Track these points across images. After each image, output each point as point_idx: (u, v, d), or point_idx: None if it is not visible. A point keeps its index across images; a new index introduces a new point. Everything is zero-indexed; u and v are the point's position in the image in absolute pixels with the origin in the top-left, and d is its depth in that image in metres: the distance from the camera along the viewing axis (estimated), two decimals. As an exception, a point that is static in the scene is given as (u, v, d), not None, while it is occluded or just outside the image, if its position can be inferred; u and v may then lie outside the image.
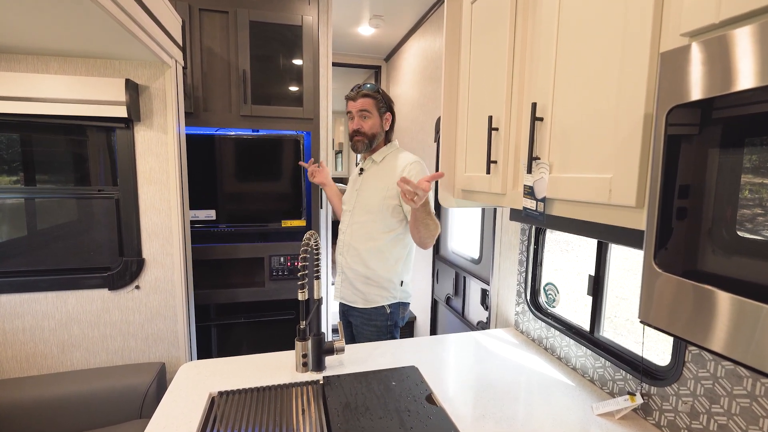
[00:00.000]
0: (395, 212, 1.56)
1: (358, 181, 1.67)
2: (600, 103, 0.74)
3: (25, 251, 1.63)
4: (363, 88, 1.58)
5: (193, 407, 1.05)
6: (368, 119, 1.58)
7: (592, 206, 0.78)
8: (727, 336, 0.48)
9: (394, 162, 1.59)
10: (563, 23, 0.84)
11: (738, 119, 0.47)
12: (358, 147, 1.62)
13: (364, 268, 1.58)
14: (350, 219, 1.64)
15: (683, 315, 0.53)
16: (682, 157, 0.52)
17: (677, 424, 0.94)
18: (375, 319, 1.59)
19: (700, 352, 0.89)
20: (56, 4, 1.07)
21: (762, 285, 0.45)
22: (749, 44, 0.44)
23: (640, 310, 0.59)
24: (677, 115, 0.53)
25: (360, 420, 1.00)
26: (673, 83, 0.53)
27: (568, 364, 1.28)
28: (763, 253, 0.45)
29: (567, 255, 5.19)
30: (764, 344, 0.44)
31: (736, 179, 0.47)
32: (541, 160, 0.89)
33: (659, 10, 0.63)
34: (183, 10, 1.88)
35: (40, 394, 1.49)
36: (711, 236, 0.50)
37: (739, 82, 0.44)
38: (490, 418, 1.02)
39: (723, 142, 0.49)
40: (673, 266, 0.54)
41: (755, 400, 0.78)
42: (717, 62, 0.47)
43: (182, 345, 1.73)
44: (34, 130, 1.60)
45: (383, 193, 1.56)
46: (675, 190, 0.53)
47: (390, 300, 1.59)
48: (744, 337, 0.46)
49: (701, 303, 0.51)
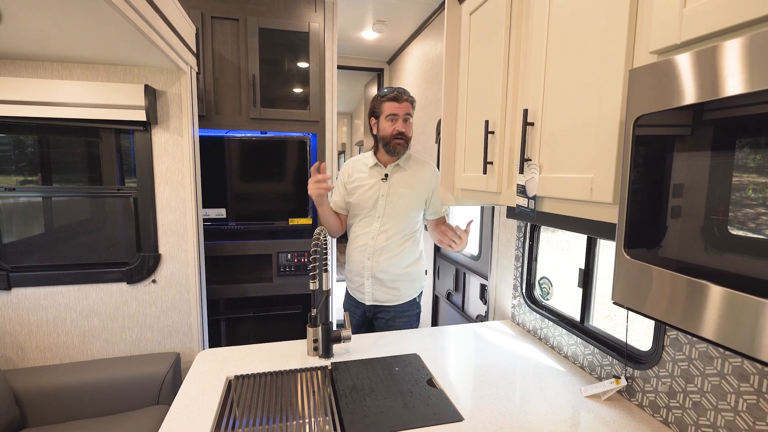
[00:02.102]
0: (421, 213, 1.69)
1: (383, 187, 1.62)
2: (583, 110, 0.83)
3: (49, 247, 1.73)
4: (404, 92, 1.58)
5: (212, 389, 1.14)
6: (410, 124, 1.60)
7: (576, 203, 0.86)
8: (683, 312, 0.57)
9: (418, 167, 1.67)
10: (552, 38, 0.92)
11: (687, 128, 0.55)
12: (398, 150, 1.59)
13: (398, 268, 1.64)
14: (380, 226, 1.61)
15: (648, 295, 0.62)
16: (645, 159, 0.61)
17: (657, 403, 1.02)
18: (407, 310, 1.69)
19: (677, 336, 0.97)
20: (85, 15, 1.16)
21: (707, 267, 0.53)
22: (689, 67, 0.53)
23: (612, 293, 0.68)
24: (642, 122, 0.61)
25: (366, 400, 1.08)
26: (639, 95, 0.62)
27: (561, 352, 1.37)
28: (712, 241, 0.54)
29: (568, 254, 5.28)
30: (694, 312, 0.53)
31: (690, 176, 0.56)
32: (532, 162, 0.98)
33: (633, 31, 0.72)
34: (196, 18, 1.98)
35: (64, 381, 1.59)
36: (670, 227, 0.59)
37: (684, 98, 0.53)
38: (486, 399, 1.10)
39: (678, 147, 0.57)
40: (640, 253, 0.63)
41: (724, 378, 0.86)
42: (670, 79, 0.56)
43: (196, 336, 1.82)
44: (59, 132, 1.70)
45: (417, 198, 1.64)
46: (641, 187, 0.62)
47: (419, 290, 1.72)
48: (690, 310, 0.55)
49: (663, 284, 0.60)
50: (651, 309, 0.60)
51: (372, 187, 1.64)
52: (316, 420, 1.04)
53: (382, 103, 1.60)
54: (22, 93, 1.50)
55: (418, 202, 1.65)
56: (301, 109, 2.23)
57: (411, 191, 1.63)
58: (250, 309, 2.35)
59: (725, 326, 0.51)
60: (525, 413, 1.04)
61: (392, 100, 1.58)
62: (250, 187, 2.27)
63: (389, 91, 1.59)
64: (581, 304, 1.32)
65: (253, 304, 2.34)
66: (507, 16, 1.09)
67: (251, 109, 2.13)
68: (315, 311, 1.25)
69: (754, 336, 0.48)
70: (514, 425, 0.99)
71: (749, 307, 0.48)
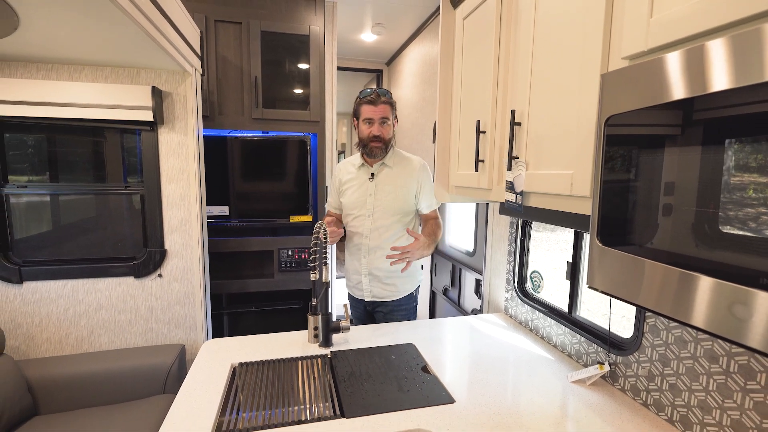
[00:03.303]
0: (412, 212, 1.69)
1: (371, 186, 1.66)
2: (565, 111, 0.89)
3: (59, 242, 1.80)
4: (382, 94, 1.58)
5: (218, 375, 1.20)
6: (387, 126, 1.61)
7: (559, 197, 0.92)
8: (645, 292, 0.63)
9: (404, 163, 1.69)
10: (537, 43, 0.99)
11: (649, 127, 0.62)
12: (375, 152, 1.61)
13: (388, 264, 1.66)
14: (371, 224, 1.65)
15: (615, 277, 0.68)
16: (614, 155, 0.67)
17: (637, 386, 1.08)
18: (404, 304, 1.74)
19: (655, 322, 1.03)
20: (98, 21, 1.22)
21: (671, 252, 0.60)
22: (647, 73, 0.60)
23: (587, 278, 0.74)
24: (612, 122, 0.68)
25: (363, 385, 1.15)
26: (609, 97, 0.68)
27: (550, 342, 1.43)
28: (678, 231, 0.60)
29: (567, 254, 5.35)
30: (653, 289, 0.59)
31: (656, 172, 0.62)
32: (520, 159, 1.04)
33: (608, 38, 0.78)
34: (200, 22, 2.04)
35: (73, 371, 1.65)
36: (637, 216, 0.65)
37: (645, 100, 0.60)
38: (477, 384, 1.17)
39: (641, 143, 0.64)
40: (611, 241, 0.69)
41: (696, 360, 0.93)
42: (633, 84, 0.62)
43: (200, 329, 1.88)
44: (69, 132, 1.76)
45: (405, 194, 1.65)
46: (611, 180, 0.68)
47: (416, 285, 1.77)
48: (652, 289, 0.61)
49: (631, 267, 0.66)
50: (613, 288, 0.67)
51: (360, 186, 1.68)
52: (316, 403, 1.11)
53: (361, 105, 1.61)
54: (35, 94, 1.57)
55: (406, 198, 1.66)
56: (302, 109, 2.29)
57: (397, 188, 1.65)
58: (251, 304, 2.42)
59: (671, 298, 0.58)
60: (514, 397, 1.11)
61: (369, 103, 1.58)
62: (252, 185, 2.34)
63: (368, 93, 1.59)
64: (569, 296, 1.38)
65: (255, 298, 2.41)
66: (497, 21, 1.15)
67: (253, 110, 2.20)
68: (315, 300, 1.32)
69: (689, 305, 0.54)
70: (502, 407, 1.06)
71: (686, 282, 0.54)
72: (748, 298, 0.48)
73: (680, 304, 0.57)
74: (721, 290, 0.52)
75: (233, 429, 0.98)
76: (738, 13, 0.52)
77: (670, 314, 0.59)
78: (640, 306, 0.64)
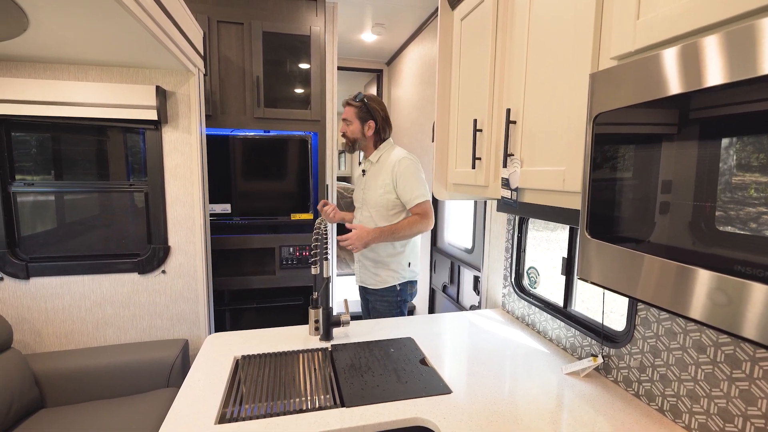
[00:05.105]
0: (394, 205, 1.75)
1: (362, 181, 1.86)
2: (557, 110, 0.92)
3: (65, 239, 1.83)
4: (354, 98, 1.78)
5: (222, 367, 1.23)
6: (349, 125, 1.78)
7: (552, 193, 0.96)
8: (630, 281, 0.66)
9: (387, 159, 1.78)
10: (531, 44, 1.02)
11: (635, 125, 0.65)
12: (345, 148, 1.85)
13: (374, 254, 1.79)
14: (360, 215, 1.85)
15: (609, 270, 0.71)
16: (602, 151, 0.70)
17: (630, 378, 1.11)
18: (387, 296, 1.81)
19: (646, 314, 1.06)
20: (104, 22, 1.25)
21: (653, 243, 0.63)
22: (632, 72, 0.63)
23: (577, 270, 0.77)
24: (600, 120, 0.71)
25: (363, 376, 1.18)
26: (597, 96, 0.71)
27: (546, 336, 1.46)
28: (669, 224, 0.63)
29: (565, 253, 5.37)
30: (630, 275, 0.62)
31: (642, 165, 0.65)
32: (515, 156, 1.07)
33: (597, 39, 0.81)
34: (203, 22, 2.07)
35: (79, 365, 1.68)
36: (623, 210, 0.68)
37: (631, 98, 0.63)
38: (474, 376, 1.20)
39: (628, 140, 0.67)
40: (599, 232, 0.72)
41: (686, 351, 0.96)
42: (618, 83, 0.65)
43: (203, 325, 1.92)
44: (75, 131, 1.80)
45: (381, 189, 1.75)
46: (600, 176, 0.71)
47: (400, 280, 1.81)
48: (636, 278, 0.64)
49: (618, 258, 0.69)
50: (602, 279, 0.70)
51: (358, 181, 1.90)
52: (317, 394, 1.14)
53: None
54: (42, 94, 1.60)
55: (384, 193, 1.74)
56: (303, 108, 2.33)
57: (376, 183, 1.77)
58: (253, 300, 2.45)
59: (656, 287, 0.61)
60: (510, 388, 1.14)
61: (343, 106, 1.82)
62: (254, 183, 2.37)
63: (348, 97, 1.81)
64: (564, 290, 1.41)
65: (257, 295, 2.44)
66: (493, 23, 1.18)
67: (255, 109, 2.23)
68: (316, 294, 1.35)
69: (637, 280, 0.57)
70: (498, 398, 1.09)
71: (673, 272, 0.57)
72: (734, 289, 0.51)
73: (662, 292, 0.60)
74: (708, 282, 0.55)
75: (236, 418, 1.01)
76: (713, 17, 0.55)
77: (651, 301, 0.62)
78: (623, 294, 0.67)
